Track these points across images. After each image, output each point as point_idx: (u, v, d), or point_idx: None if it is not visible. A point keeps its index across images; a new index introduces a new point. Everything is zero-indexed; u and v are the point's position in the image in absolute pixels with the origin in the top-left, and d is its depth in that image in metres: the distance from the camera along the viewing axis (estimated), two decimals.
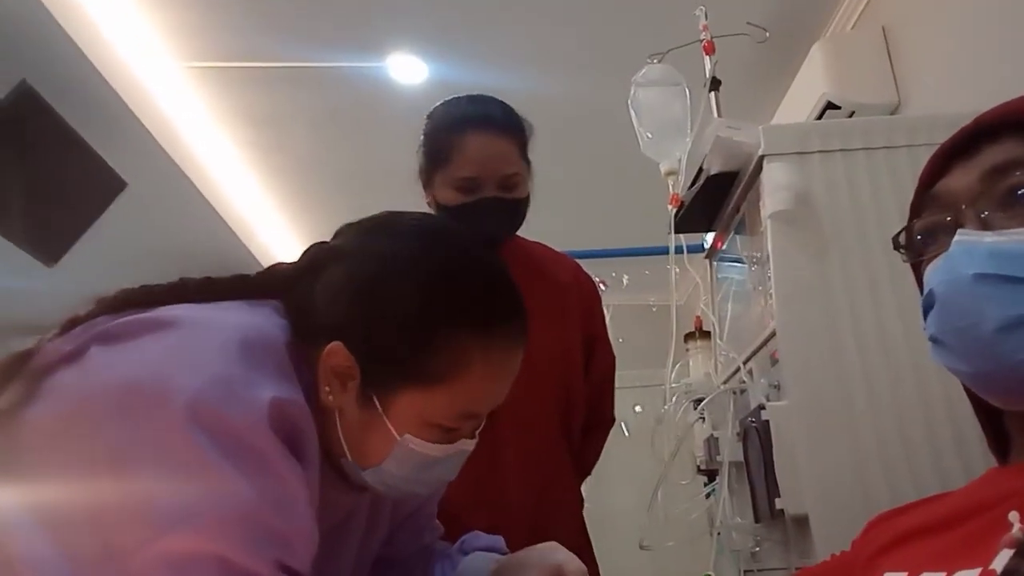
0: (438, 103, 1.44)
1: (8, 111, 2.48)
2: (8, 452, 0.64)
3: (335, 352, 0.71)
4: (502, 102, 1.42)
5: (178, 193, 3.27)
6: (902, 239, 0.73)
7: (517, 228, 1.41)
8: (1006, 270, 0.60)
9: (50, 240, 2.95)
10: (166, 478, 0.60)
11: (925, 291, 0.66)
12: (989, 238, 0.62)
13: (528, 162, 1.39)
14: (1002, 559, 0.51)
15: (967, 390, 0.72)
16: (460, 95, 1.43)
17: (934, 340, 0.66)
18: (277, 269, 0.80)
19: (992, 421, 0.73)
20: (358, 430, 0.74)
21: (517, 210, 1.37)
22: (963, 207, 0.65)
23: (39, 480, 0.63)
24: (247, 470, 0.61)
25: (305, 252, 0.80)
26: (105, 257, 2.85)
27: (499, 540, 0.95)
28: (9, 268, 3.17)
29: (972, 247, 0.62)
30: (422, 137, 1.41)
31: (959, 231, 0.63)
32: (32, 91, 2.50)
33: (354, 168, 3.36)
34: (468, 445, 0.78)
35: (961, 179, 0.67)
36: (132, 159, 2.92)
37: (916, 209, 0.74)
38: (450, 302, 0.72)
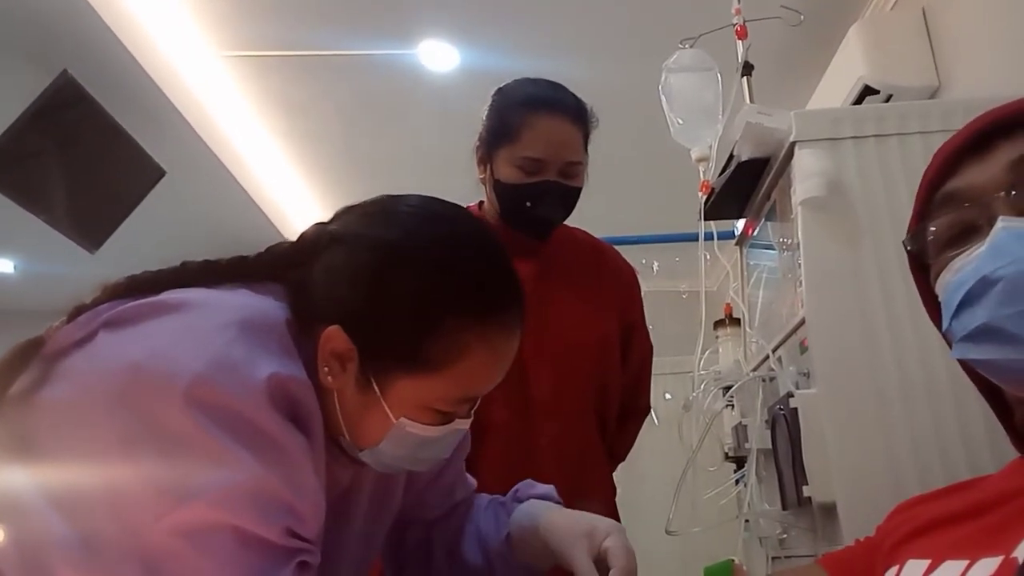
0: (509, 81, 1.41)
1: (50, 101, 2.55)
2: (22, 434, 0.66)
3: (333, 336, 0.72)
4: (571, 92, 1.39)
5: (215, 181, 3.34)
6: (918, 239, 0.71)
7: (568, 215, 1.41)
8: None
9: (92, 227, 3.03)
10: (173, 458, 0.61)
11: (968, 283, 0.63)
12: None
13: (587, 154, 1.38)
14: None
15: (984, 390, 0.71)
16: (530, 77, 1.40)
17: (984, 330, 0.62)
18: (276, 249, 0.80)
19: (1007, 416, 0.72)
20: (356, 411, 0.75)
21: (573, 198, 1.37)
22: (996, 197, 0.64)
23: (52, 462, 0.65)
24: (251, 446, 0.62)
25: (304, 232, 0.80)
26: (144, 244, 2.92)
27: (552, 489, 0.95)
28: (53, 254, 3.27)
29: (1022, 232, 0.61)
30: (487, 111, 1.39)
31: (1001, 219, 0.62)
32: (73, 81, 2.56)
33: (386, 155, 3.39)
34: (463, 424, 0.79)
35: (981, 174, 0.66)
36: (170, 148, 2.99)
37: (924, 210, 0.72)
38: (448, 290, 0.73)
